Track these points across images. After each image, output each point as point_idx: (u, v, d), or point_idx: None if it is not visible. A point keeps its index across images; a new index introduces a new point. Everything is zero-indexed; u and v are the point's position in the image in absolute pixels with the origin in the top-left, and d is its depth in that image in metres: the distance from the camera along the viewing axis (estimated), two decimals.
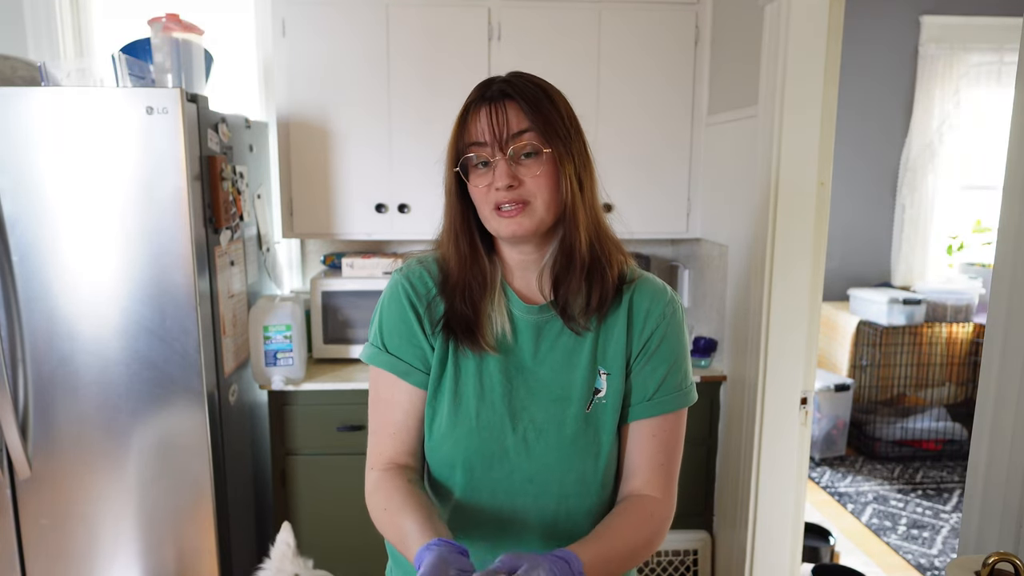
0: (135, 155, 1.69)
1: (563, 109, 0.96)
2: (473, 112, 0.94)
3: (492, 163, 0.92)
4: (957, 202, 4.15)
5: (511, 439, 0.97)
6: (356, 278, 2.36)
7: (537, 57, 2.30)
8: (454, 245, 0.99)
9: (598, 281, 0.97)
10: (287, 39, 2.29)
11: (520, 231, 0.93)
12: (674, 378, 0.99)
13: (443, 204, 1.01)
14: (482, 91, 0.95)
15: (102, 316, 1.74)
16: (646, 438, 0.99)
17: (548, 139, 0.92)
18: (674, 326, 1.01)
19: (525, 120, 0.92)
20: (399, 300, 1.01)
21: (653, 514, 0.97)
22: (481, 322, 0.98)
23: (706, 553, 2.41)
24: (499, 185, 0.91)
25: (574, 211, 0.94)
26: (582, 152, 0.96)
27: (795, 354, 2.00)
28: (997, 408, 1.09)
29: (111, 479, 1.82)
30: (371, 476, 1.01)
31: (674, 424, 1.00)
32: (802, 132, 1.90)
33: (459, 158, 0.95)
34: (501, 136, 0.91)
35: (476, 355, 0.98)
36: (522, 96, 0.92)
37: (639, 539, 0.94)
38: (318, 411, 2.22)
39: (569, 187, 0.93)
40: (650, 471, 0.98)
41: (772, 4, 1.91)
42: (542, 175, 0.92)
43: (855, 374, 3.88)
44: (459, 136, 0.95)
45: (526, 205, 0.92)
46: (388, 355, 1.00)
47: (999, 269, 1.10)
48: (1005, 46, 3.94)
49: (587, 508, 0.99)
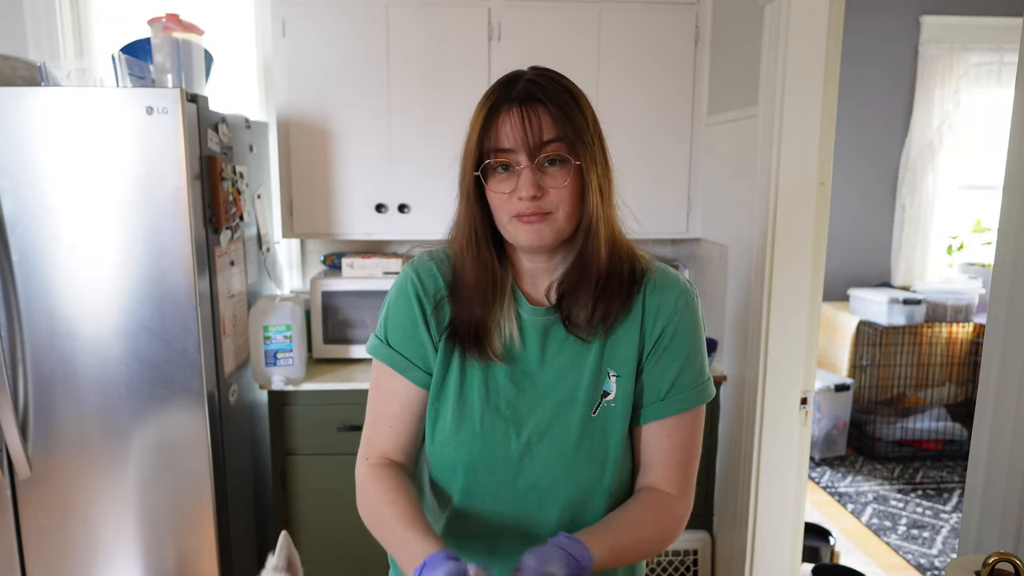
0: (135, 155, 1.69)
1: (589, 114, 0.92)
2: (503, 113, 0.88)
3: (516, 169, 0.88)
4: (957, 202, 4.15)
5: (515, 443, 0.95)
6: (356, 278, 2.36)
7: (537, 57, 2.28)
8: (473, 250, 0.95)
9: (607, 295, 0.93)
10: (287, 39, 2.29)
11: (540, 241, 0.90)
12: (688, 374, 0.95)
13: (457, 205, 0.96)
14: (507, 90, 0.90)
15: (102, 316, 1.74)
16: (661, 439, 0.96)
17: (576, 150, 0.88)
18: (687, 318, 0.96)
19: (555, 128, 0.87)
20: (407, 295, 0.99)
21: (673, 512, 0.95)
22: (490, 331, 0.95)
23: (706, 553, 2.41)
24: (523, 195, 0.87)
25: (596, 224, 0.91)
26: (604, 159, 0.93)
27: (795, 354, 2.00)
28: (997, 408, 1.09)
29: (111, 479, 1.82)
30: (363, 466, 0.99)
31: (691, 423, 0.96)
32: (802, 132, 1.90)
33: (481, 161, 0.90)
34: (531, 144, 0.87)
35: (482, 363, 0.96)
36: (553, 102, 0.88)
37: (654, 534, 0.93)
38: (318, 411, 2.22)
39: (593, 199, 0.90)
40: (668, 468, 0.96)
41: (772, 4, 1.91)
42: (567, 187, 0.88)
43: (855, 374, 3.88)
44: (483, 137, 0.90)
45: (547, 215, 0.89)
46: (389, 349, 0.99)
47: (999, 269, 1.10)
48: (1005, 46, 3.94)
49: (593, 515, 0.96)
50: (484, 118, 0.90)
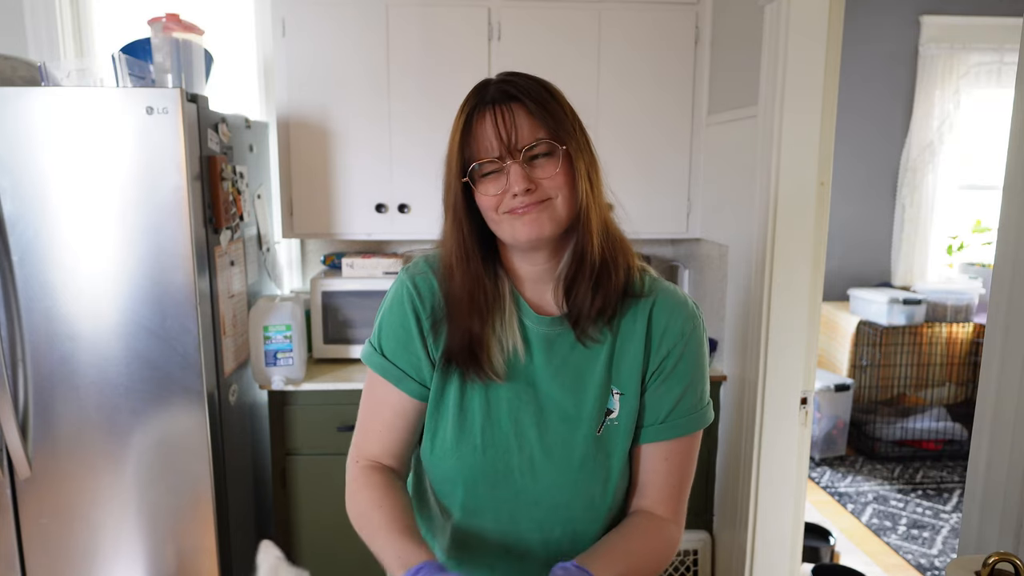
0: (135, 155, 1.69)
1: (567, 107, 0.90)
2: (477, 119, 0.87)
3: (504, 169, 0.86)
4: (957, 202, 4.15)
5: (516, 459, 0.93)
6: (356, 278, 2.36)
7: (537, 57, 2.31)
8: (463, 264, 0.92)
9: (604, 286, 0.91)
10: (287, 39, 2.29)
11: (540, 232, 0.87)
12: (690, 399, 0.95)
13: (443, 221, 0.93)
14: (480, 95, 0.89)
15: (102, 316, 1.74)
16: (659, 461, 0.95)
17: (560, 137, 0.86)
18: (693, 345, 0.95)
19: (535, 120, 0.86)
20: (401, 305, 0.96)
21: (670, 537, 0.94)
22: (488, 349, 0.92)
23: (706, 553, 2.41)
24: (516, 190, 0.85)
25: (587, 212, 0.89)
26: (589, 149, 0.91)
27: (795, 354, 2.00)
28: (997, 408, 1.09)
29: (111, 479, 1.82)
30: (354, 468, 0.98)
31: (687, 446, 0.96)
32: (802, 132, 1.90)
33: (466, 168, 0.88)
34: (511, 140, 0.85)
35: (482, 382, 0.94)
36: (528, 97, 0.86)
37: (654, 560, 0.92)
38: (318, 411, 2.22)
39: (583, 186, 0.88)
40: (664, 493, 0.95)
41: (772, 4, 1.91)
42: (559, 173, 0.86)
43: (855, 374, 3.87)
44: (463, 145, 0.88)
45: (545, 203, 0.87)
46: (383, 359, 0.97)
47: (999, 269, 1.10)
48: (1005, 46, 3.94)
49: (594, 533, 0.95)
50: (463, 126, 0.88)
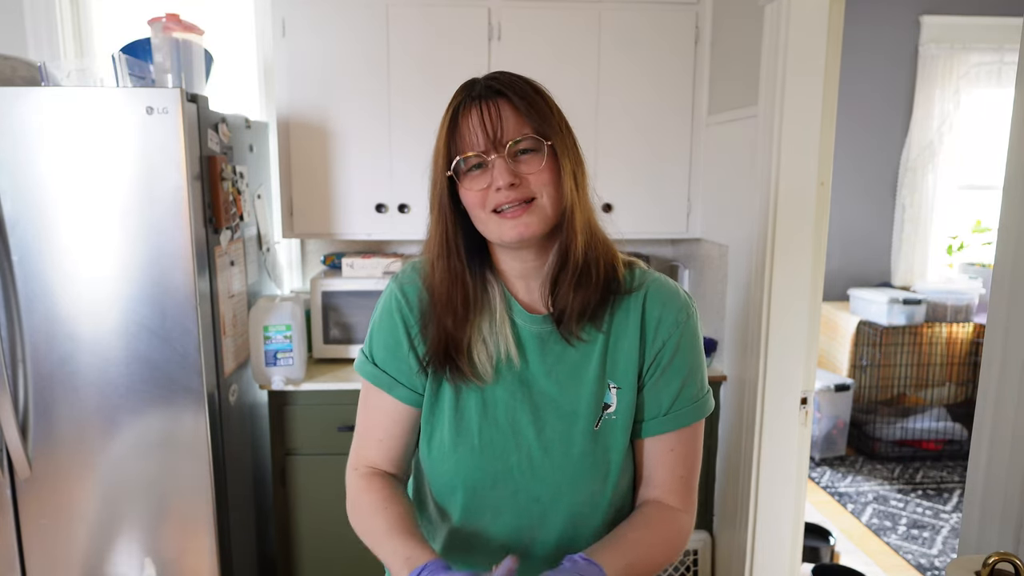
0: (135, 155, 1.69)
1: (553, 105, 0.91)
2: (463, 114, 0.88)
3: (488, 164, 0.86)
4: (957, 202, 4.15)
5: (515, 457, 0.93)
6: (356, 278, 2.36)
7: (537, 57, 2.30)
8: (443, 261, 0.92)
9: (584, 286, 0.91)
10: (287, 39, 2.29)
11: (528, 232, 0.86)
12: (690, 389, 0.94)
13: (430, 216, 0.93)
14: (467, 91, 0.89)
15: (102, 316, 1.74)
16: (664, 453, 0.95)
17: (545, 132, 0.87)
18: (688, 334, 0.94)
19: (520, 116, 0.86)
20: (390, 314, 0.97)
21: (680, 526, 0.93)
22: (466, 352, 0.92)
23: (706, 553, 2.41)
24: (500, 184, 0.85)
25: (572, 211, 0.88)
26: (575, 148, 0.91)
27: (795, 354, 2.00)
28: (997, 408, 1.09)
29: (111, 479, 1.82)
30: (354, 475, 0.99)
31: (692, 436, 0.95)
32: (802, 132, 1.90)
33: (451, 163, 0.88)
34: (496, 134, 0.85)
35: (463, 384, 0.93)
36: (514, 93, 0.87)
37: (665, 555, 0.91)
38: (318, 411, 2.22)
39: (568, 183, 0.88)
40: (672, 482, 0.95)
41: (772, 4, 1.91)
42: (545, 169, 0.86)
43: (855, 374, 3.88)
44: (449, 141, 0.88)
45: (531, 204, 0.86)
46: (374, 367, 0.98)
47: (999, 269, 1.10)
48: (1005, 46, 3.94)
49: (596, 529, 0.95)
50: (449, 121, 0.89)
